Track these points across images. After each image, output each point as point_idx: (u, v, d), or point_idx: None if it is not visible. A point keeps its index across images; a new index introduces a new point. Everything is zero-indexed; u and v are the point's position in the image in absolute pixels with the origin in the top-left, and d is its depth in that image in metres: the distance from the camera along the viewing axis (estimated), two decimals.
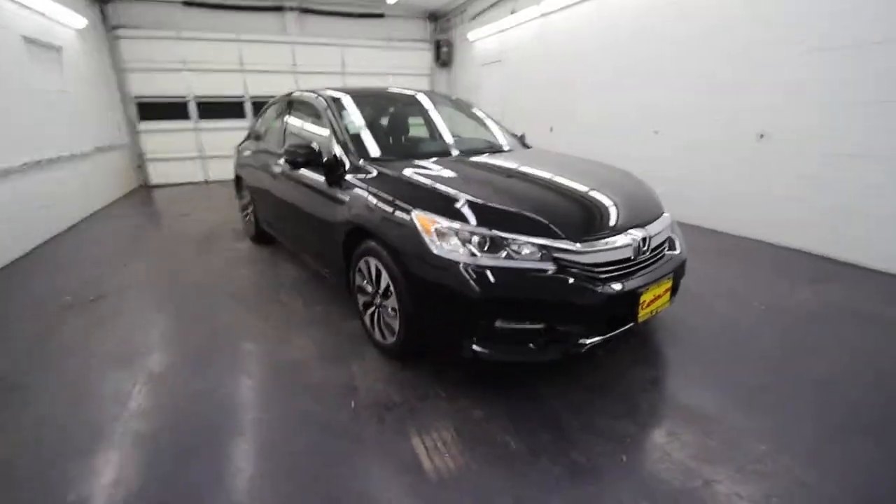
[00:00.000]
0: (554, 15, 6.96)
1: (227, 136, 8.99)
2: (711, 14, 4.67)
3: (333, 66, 9.66)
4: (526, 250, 1.95)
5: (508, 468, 1.74)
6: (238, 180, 4.85)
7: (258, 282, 3.70)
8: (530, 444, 1.86)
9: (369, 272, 2.43)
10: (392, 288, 2.25)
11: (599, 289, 1.96)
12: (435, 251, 1.99)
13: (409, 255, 2.09)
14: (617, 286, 2.00)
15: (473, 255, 1.94)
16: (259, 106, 9.13)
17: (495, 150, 3.28)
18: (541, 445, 1.85)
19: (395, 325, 2.32)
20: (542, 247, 1.96)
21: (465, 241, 1.97)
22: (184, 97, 8.63)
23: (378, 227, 2.28)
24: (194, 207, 6.74)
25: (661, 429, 1.95)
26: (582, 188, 2.40)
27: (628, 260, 2.10)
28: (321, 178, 2.82)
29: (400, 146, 3.30)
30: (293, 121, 3.61)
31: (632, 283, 2.06)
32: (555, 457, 1.79)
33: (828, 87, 3.80)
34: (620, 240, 2.09)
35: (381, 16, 9.77)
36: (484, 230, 1.96)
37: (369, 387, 2.27)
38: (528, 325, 1.95)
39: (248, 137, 4.69)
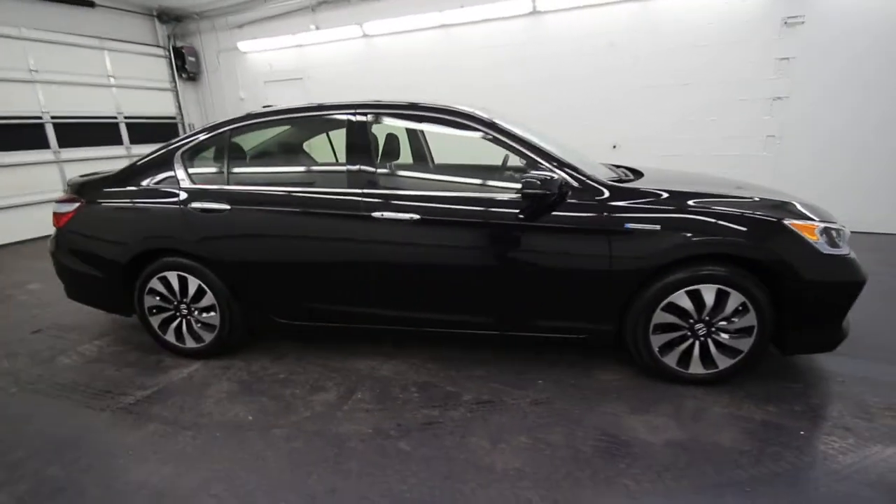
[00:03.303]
0: (380, 39, 6.83)
1: None
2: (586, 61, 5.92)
3: (12, 71, 5.93)
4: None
5: None
6: (134, 265, 2.64)
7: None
8: None
9: (698, 303, 2.19)
10: (751, 306, 2.15)
11: None
12: (824, 252, 2.10)
13: (796, 263, 2.09)
14: None
15: (836, 246, 2.18)
16: None
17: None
18: None
19: (744, 345, 2.22)
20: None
21: (827, 236, 2.17)
22: None
23: (734, 247, 2.12)
24: None
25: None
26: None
27: None
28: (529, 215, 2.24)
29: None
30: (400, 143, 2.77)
31: None
32: None
33: (660, 113, 5.66)
34: None
35: (90, 5, 6.67)
36: (838, 225, 2.22)
37: (769, 413, 2.11)
38: None
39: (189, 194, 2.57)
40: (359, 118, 2.46)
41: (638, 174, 2.70)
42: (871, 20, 4.60)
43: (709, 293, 2.17)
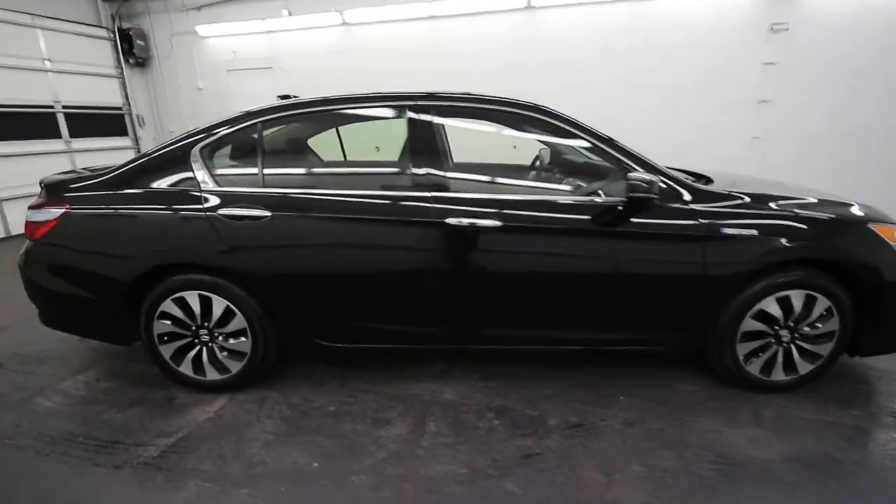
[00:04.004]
0: (362, 28, 6.41)
1: None
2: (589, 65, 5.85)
3: None
4: None
5: None
6: (139, 284, 2.18)
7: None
8: None
9: (787, 308, 2.13)
10: (835, 310, 2.12)
11: None
12: None
13: (881, 265, 2.07)
14: None
15: None
16: None
17: None
18: None
19: (825, 349, 2.19)
20: None
21: None
22: None
23: (828, 251, 2.08)
24: None
25: None
26: None
27: None
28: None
29: None
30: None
31: None
32: None
33: (650, 114, 5.73)
34: None
35: None
36: None
37: (857, 418, 2.08)
38: None
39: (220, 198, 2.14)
40: (422, 113, 2.17)
41: (699, 176, 2.61)
42: (850, 26, 4.92)
43: (797, 298, 2.12)
